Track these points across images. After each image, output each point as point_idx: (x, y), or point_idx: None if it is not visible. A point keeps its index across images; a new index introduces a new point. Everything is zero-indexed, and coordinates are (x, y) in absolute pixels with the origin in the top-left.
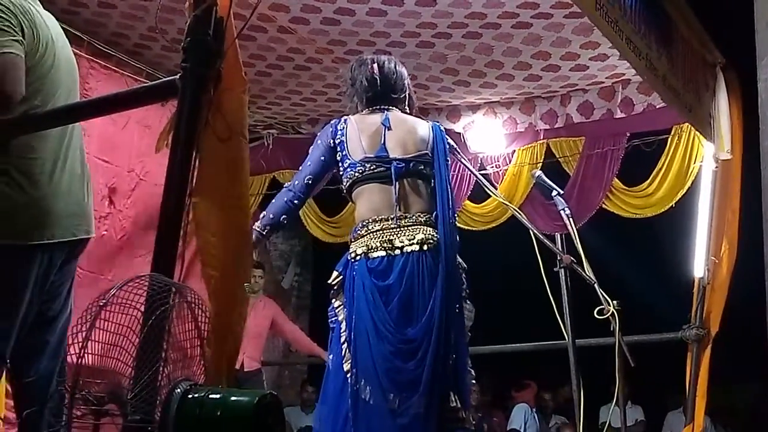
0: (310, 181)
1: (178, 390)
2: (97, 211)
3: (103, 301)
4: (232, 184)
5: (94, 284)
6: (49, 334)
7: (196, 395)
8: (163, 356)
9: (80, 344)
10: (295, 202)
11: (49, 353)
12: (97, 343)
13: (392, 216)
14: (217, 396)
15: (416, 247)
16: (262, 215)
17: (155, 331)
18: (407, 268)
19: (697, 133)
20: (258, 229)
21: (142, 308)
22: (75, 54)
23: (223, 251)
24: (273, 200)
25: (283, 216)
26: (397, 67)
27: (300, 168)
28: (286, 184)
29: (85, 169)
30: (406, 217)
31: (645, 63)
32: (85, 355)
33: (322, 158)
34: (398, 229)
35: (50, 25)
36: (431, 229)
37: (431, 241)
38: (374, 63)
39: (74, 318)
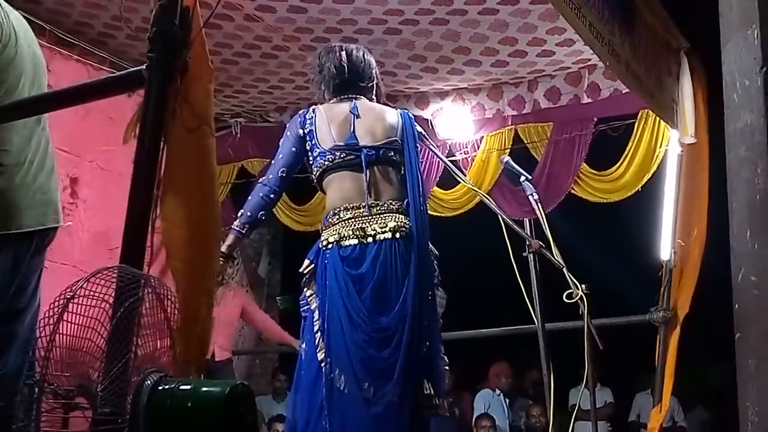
0: (284, 174)
1: (148, 381)
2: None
3: (71, 293)
4: (200, 174)
5: (57, 275)
6: (18, 327)
7: (167, 386)
8: (133, 348)
9: (48, 337)
10: (272, 196)
11: (18, 346)
12: (65, 336)
13: (363, 204)
14: (188, 387)
15: (389, 235)
16: (240, 213)
17: (124, 323)
18: (380, 256)
19: None
20: (237, 228)
21: (111, 300)
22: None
23: (189, 242)
24: (249, 197)
25: (261, 212)
26: (366, 56)
27: (272, 161)
28: (260, 180)
29: (52, 160)
30: (377, 205)
31: (608, 49)
32: (53, 348)
33: (294, 149)
34: (370, 217)
35: (11, 17)
36: (403, 216)
37: (403, 228)
38: (342, 51)
39: (42, 310)
